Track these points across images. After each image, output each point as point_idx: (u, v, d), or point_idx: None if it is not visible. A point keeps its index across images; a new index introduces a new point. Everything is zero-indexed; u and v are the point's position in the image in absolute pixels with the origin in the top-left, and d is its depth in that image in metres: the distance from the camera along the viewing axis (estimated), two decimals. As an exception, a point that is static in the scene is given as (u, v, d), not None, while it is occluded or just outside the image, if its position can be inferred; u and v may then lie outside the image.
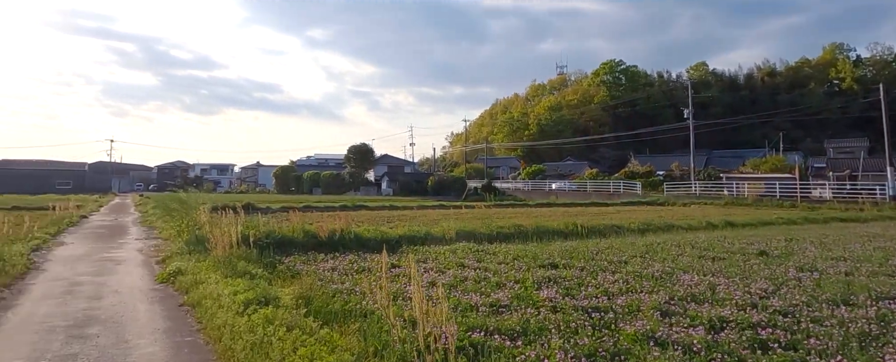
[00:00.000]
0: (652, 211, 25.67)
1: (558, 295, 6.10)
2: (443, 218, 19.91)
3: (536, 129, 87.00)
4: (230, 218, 10.35)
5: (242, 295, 5.17)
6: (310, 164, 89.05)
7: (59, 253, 10.17)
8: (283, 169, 75.07)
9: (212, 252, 8.22)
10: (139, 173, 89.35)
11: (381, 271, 5.14)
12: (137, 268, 8.40)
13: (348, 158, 69.89)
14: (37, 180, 68.32)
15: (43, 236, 12.02)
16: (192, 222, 10.23)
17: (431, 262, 8.83)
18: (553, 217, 19.57)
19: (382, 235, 11.40)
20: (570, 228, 13.74)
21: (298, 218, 11.51)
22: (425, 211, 26.13)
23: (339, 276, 7.57)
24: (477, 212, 24.12)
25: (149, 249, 10.78)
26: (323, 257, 9.27)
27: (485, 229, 12.95)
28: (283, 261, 8.80)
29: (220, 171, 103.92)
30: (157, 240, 12.37)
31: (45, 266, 8.47)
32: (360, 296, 6.07)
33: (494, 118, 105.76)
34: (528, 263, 8.61)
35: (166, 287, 6.84)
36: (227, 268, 7.04)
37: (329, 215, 23.07)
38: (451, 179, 61.42)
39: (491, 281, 7.07)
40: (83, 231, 15.03)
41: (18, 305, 5.75)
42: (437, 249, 10.36)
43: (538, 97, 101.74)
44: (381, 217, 20.43)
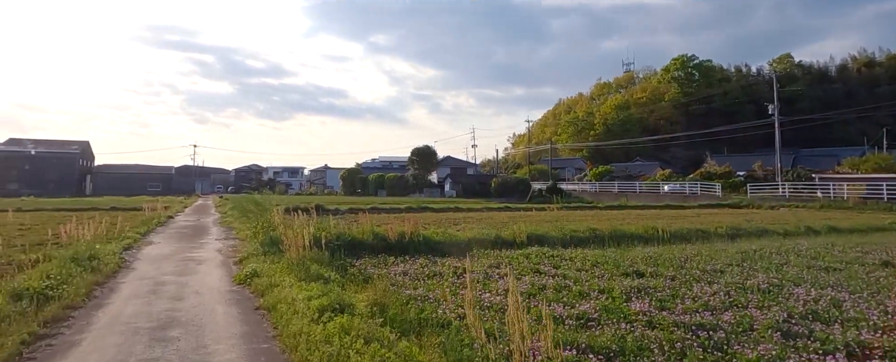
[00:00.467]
0: (736, 214, 23.78)
1: (652, 309, 5.51)
2: (510, 220, 19.40)
3: (602, 129, 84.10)
4: (302, 219, 10.46)
5: (317, 300, 5.02)
6: (374, 167, 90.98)
7: (147, 252, 10.69)
8: (349, 171, 77.21)
9: (285, 254, 8.26)
10: (219, 176, 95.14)
11: (467, 281, 4.79)
12: (216, 269, 8.61)
13: (412, 160, 70.73)
14: (132, 183, 74.44)
15: (134, 236, 12.75)
16: (266, 223, 10.44)
17: (505, 268, 8.41)
18: (627, 220, 18.52)
19: (451, 238, 11.12)
20: (650, 233, 12.83)
21: (367, 220, 11.46)
22: (491, 213, 25.68)
23: (411, 281, 7.33)
24: (546, 214, 23.38)
25: (227, 249, 11.11)
26: (393, 260, 9.10)
27: (557, 233, 12.34)
28: (354, 264, 8.71)
29: (291, 174, 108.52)
30: (235, 241, 12.78)
31: (134, 264, 8.88)
32: (434, 304, 5.78)
33: (558, 118, 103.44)
34: (610, 271, 8.00)
35: (243, 288, 6.89)
36: (301, 270, 6.99)
37: (395, 217, 23.21)
38: (514, 181, 60.51)
39: (573, 289, 6.56)
40: (169, 231, 15.89)
41: (109, 304, 5.95)
42: (508, 253, 9.93)
43: (604, 96, 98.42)
44: (447, 219, 20.21)
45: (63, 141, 77.99)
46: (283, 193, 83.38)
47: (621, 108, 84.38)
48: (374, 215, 23.01)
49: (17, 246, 10.24)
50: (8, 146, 72.11)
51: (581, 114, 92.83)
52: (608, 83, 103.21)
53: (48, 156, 70.87)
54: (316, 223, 10.27)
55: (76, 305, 5.73)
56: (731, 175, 47.01)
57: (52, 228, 11.07)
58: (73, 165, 72.54)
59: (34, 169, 68.57)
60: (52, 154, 71.55)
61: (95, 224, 10.51)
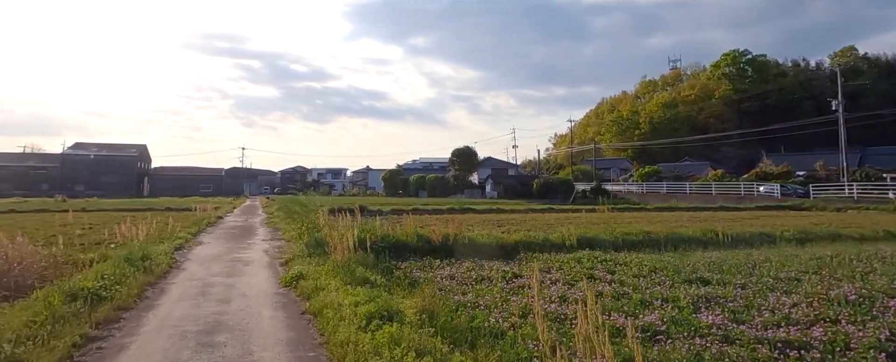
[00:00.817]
0: (799, 216, 22.29)
1: (726, 321, 5.01)
2: (556, 222, 18.85)
3: (648, 128, 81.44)
4: (346, 221, 10.38)
5: (364, 306, 4.81)
6: (415, 168, 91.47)
7: (197, 252, 10.88)
8: (390, 172, 77.92)
9: (331, 256, 8.15)
10: (266, 177, 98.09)
11: (534, 288, 4.44)
12: (263, 270, 8.60)
13: (452, 161, 70.63)
14: (185, 184, 77.75)
15: (185, 236, 13.06)
16: (311, 225, 10.44)
17: (556, 272, 8.01)
18: (680, 222, 17.63)
19: (498, 241, 10.78)
20: (709, 236, 12.08)
21: (411, 221, 11.27)
22: (534, 214, 25.13)
23: (459, 286, 7.05)
24: (593, 216, 22.65)
25: (273, 250, 11.18)
26: (439, 263, 8.85)
27: (608, 235, 11.78)
28: (399, 267, 8.51)
29: (335, 175, 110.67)
30: (281, 242, 12.88)
31: (184, 265, 9.01)
32: (485, 312, 5.47)
33: (601, 118, 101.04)
34: (670, 277, 7.47)
35: (289, 291, 6.80)
36: (346, 273, 6.84)
37: (437, 218, 23.03)
38: (557, 182, 59.41)
39: (632, 297, 6.11)
40: (218, 231, 16.26)
41: (158, 305, 5.96)
42: (558, 257, 9.50)
43: (649, 94, 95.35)
44: (490, 220, 19.85)
45: (122, 144, 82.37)
46: (326, 194, 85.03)
47: (668, 107, 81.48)
48: (416, 216, 22.90)
49: (79, 245, 10.64)
50: (74, 150, 76.76)
51: (625, 113, 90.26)
52: (653, 81, 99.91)
53: (109, 160, 75.00)
54: (360, 224, 10.16)
55: (128, 306, 5.76)
56: (789, 175, 44.41)
57: (110, 228, 11.48)
58: (132, 168, 76.45)
59: (97, 171, 72.70)
60: (113, 157, 75.68)
61: (147, 225, 10.78)
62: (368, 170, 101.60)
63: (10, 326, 4.34)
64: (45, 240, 12.04)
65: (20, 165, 73.13)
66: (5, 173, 70.74)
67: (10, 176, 70.56)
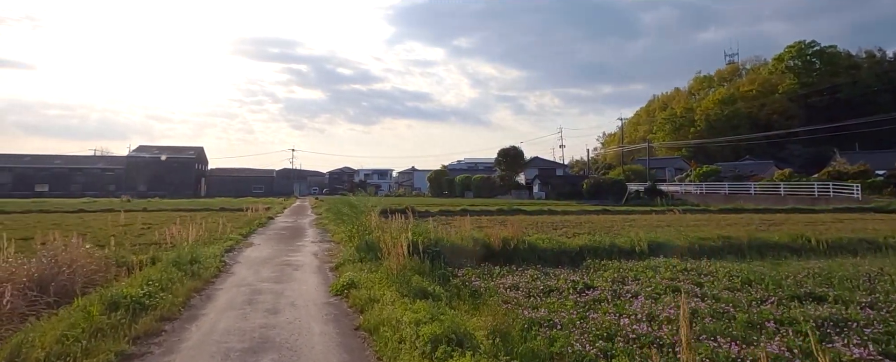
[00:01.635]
0: (890, 220, 20.08)
1: (875, 354, 4.03)
2: (615, 224, 17.72)
3: (704, 126, 77.54)
4: (398, 223, 9.82)
5: (427, 327, 4.16)
6: (460, 168, 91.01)
7: (247, 254, 10.62)
8: (436, 173, 77.71)
9: (383, 261, 7.58)
10: (315, 178, 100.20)
11: (613, 302, 3.64)
12: (312, 276, 8.15)
13: (498, 161, 69.54)
14: (239, 185, 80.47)
15: (236, 237, 12.92)
16: (361, 227, 9.96)
17: (633, 284, 7.12)
18: (753, 225, 16.12)
19: (560, 246, 9.93)
20: (799, 242, 10.76)
21: (466, 224, 10.58)
22: (589, 216, 23.93)
23: (526, 298, 6.30)
24: (655, 218, 21.27)
25: (323, 253, 10.78)
26: (499, 270, 8.13)
27: (681, 240, 10.69)
28: (455, 274, 7.85)
29: (381, 176, 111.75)
30: (331, 244, 12.51)
31: (233, 268, 8.70)
32: (564, 333, 4.70)
33: (652, 116, 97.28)
34: (771, 292, 6.44)
35: (340, 301, 6.26)
36: (401, 282, 6.24)
37: (488, 219, 22.28)
38: (608, 182, 57.22)
39: (737, 318, 5.17)
40: (269, 232, 16.16)
41: (203, 316, 5.54)
42: (629, 265, 8.57)
43: (704, 90, 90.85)
44: (544, 222, 18.92)
45: (181, 147, 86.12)
46: (373, 195, 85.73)
47: (726, 103, 77.26)
48: (465, 218, 22.27)
49: (134, 245, 10.62)
50: (138, 153, 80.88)
51: (679, 110, 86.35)
52: (709, 76, 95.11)
53: (169, 161, 78.54)
54: (412, 227, 9.57)
55: (171, 316, 5.36)
56: (867, 174, 40.75)
57: (165, 229, 11.44)
58: (190, 169, 79.74)
59: (158, 172, 76.25)
60: (173, 159, 79.20)
61: (198, 226, 10.61)
62: (414, 170, 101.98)
63: (43, 342, 3.97)
64: (105, 239, 12.19)
65: (91, 167, 77.73)
66: (78, 175, 75.36)
67: (83, 177, 75.12)
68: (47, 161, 77.00)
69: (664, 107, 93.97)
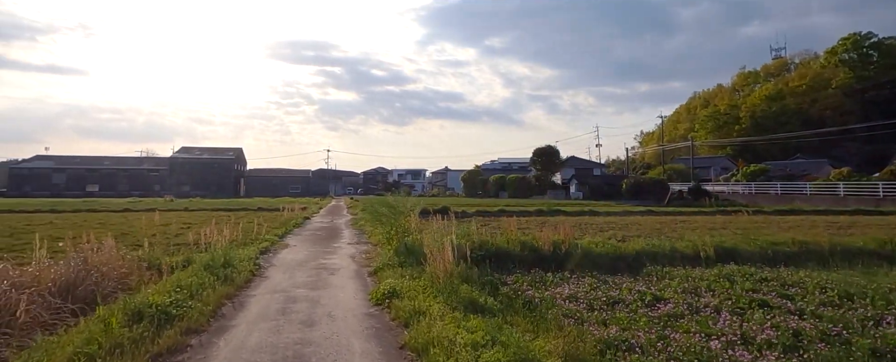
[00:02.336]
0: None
1: None
2: (663, 226, 16.67)
3: (750, 123, 74.04)
4: (438, 224, 9.20)
5: (488, 354, 3.50)
6: (494, 168, 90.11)
7: (282, 256, 10.22)
8: (470, 173, 77.01)
9: (426, 266, 6.97)
10: (349, 178, 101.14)
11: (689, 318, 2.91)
12: (350, 281, 7.61)
13: (534, 161, 68.24)
14: (276, 185, 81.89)
15: (271, 238, 12.59)
16: (401, 228, 9.38)
17: (708, 295, 6.27)
18: (818, 227, 14.77)
19: (615, 250, 9.10)
20: (889, 247, 9.58)
21: (513, 226, 9.87)
22: (634, 217, 22.77)
23: (588, 312, 5.57)
24: (707, 220, 20.00)
25: (360, 256, 10.27)
26: (551, 278, 7.39)
27: (750, 245, 9.67)
28: (504, 281, 7.17)
29: (414, 176, 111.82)
30: (368, 246, 12.02)
31: (268, 272, 8.27)
32: (648, 360, 3.95)
33: (692, 113, 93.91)
34: (880, 308, 5.49)
35: (382, 312, 5.67)
36: (449, 292, 5.61)
37: (525, 220, 21.46)
38: (649, 182, 55.20)
39: (857, 343, 4.30)
40: (305, 233, 15.84)
41: (233, 327, 5.05)
42: (697, 273, 7.69)
43: (749, 86, 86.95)
44: (587, 224, 17.99)
45: (221, 148, 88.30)
46: (407, 195, 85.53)
47: (774, 99, 73.61)
48: (503, 219, 21.54)
49: (171, 246, 10.39)
50: (181, 154, 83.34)
51: (723, 107, 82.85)
52: (754, 72, 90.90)
53: (210, 162, 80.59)
54: (454, 229, 8.92)
55: (199, 328, 4.89)
56: (937, 173, 37.67)
57: (202, 229, 11.17)
58: (230, 170, 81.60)
59: (200, 173, 78.34)
60: (213, 160, 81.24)
61: (232, 228, 10.27)
62: (447, 170, 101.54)
63: (54, 360, 3.53)
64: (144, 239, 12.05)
65: (137, 168, 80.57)
66: (125, 175, 78.25)
67: (129, 178, 77.96)
68: (97, 162, 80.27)
69: (705, 105, 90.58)
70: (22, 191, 68.59)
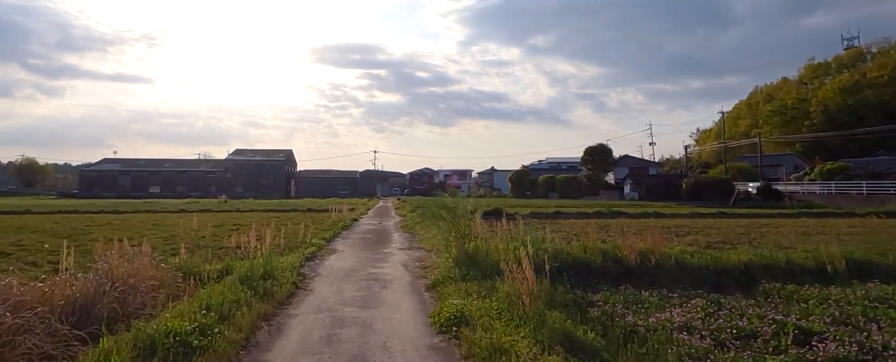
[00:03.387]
0: None
1: None
2: (748, 230, 14.82)
3: (822, 118, 68.48)
4: (506, 229, 8.02)
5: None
6: (542, 168, 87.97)
7: (329, 264, 9.31)
8: (517, 173, 75.15)
9: (496, 281, 5.80)
10: (396, 179, 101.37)
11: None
12: (406, 298, 6.54)
13: (585, 160, 65.69)
14: (325, 186, 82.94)
15: (318, 242, 11.79)
16: (461, 234, 8.24)
17: (875, 329, 4.76)
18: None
19: (715, 261, 7.61)
20: None
21: (592, 233, 8.53)
22: (706, 220, 20.73)
23: (718, 350, 4.23)
24: (795, 223, 17.80)
25: (414, 264, 9.22)
26: (647, 297, 6.05)
27: (886, 258, 7.93)
28: (592, 300, 5.89)
29: (460, 176, 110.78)
30: (420, 252, 10.98)
31: (313, 284, 7.33)
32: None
33: (754, 109, 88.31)
34: None
35: (449, 345, 4.53)
36: (537, 321, 4.41)
37: (584, 222, 19.90)
38: (711, 181, 51.73)
39: None
40: (353, 236, 15.02)
41: (266, 362, 4.05)
42: (837, 294, 6.14)
43: (818, 79, 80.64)
44: (654, 227, 16.34)
45: (272, 150, 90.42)
46: (453, 195, 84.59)
47: (849, 91, 67.78)
48: (560, 221, 20.10)
49: (220, 249, 9.74)
50: (235, 156, 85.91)
51: (790, 101, 77.21)
52: (824, 63, 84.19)
53: (262, 163, 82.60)
54: (522, 235, 7.71)
55: (225, 363, 3.93)
56: None
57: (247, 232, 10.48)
58: (281, 171, 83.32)
59: (253, 174, 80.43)
60: (266, 161, 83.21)
61: (274, 233, 9.46)
62: (494, 170, 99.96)
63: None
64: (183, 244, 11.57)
65: (195, 170, 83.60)
66: (184, 177, 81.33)
67: (187, 179, 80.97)
68: (158, 165, 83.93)
69: (769, 99, 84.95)
70: (91, 193, 72.41)
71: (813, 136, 66.18)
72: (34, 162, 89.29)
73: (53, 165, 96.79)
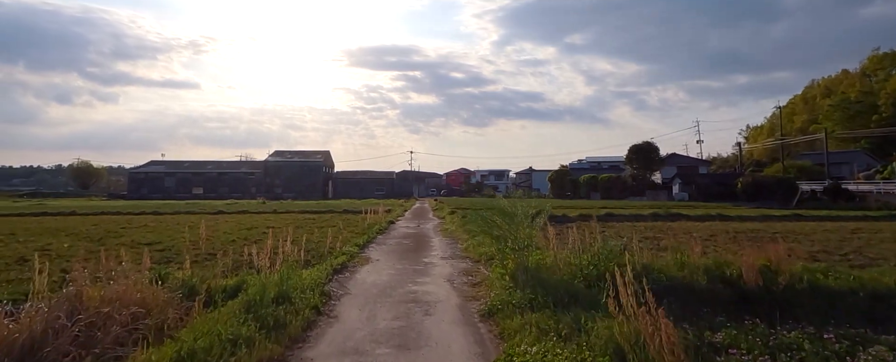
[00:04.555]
0: None
1: None
2: (845, 238, 12.60)
3: (892, 112, 63.05)
4: (573, 235, 6.40)
5: None
6: (582, 168, 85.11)
7: (361, 278, 7.92)
8: (558, 173, 72.62)
9: (581, 314, 4.21)
10: (432, 180, 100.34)
11: None
12: (456, 331, 5.03)
13: (630, 159, 62.60)
14: (362, 186, 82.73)
15: (350, 250, 10.47)
16: (520, 244, 6.63)
17: None
18: None
19: (862, 284, 5.77)
20: None
21: (697, 247, 6.79)
22: (783, 224, 18.36)
23: None
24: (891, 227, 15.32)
25: (460, 279, 7.71)
26: (791, 338, 4.33)
27: None
28: (714, 344, 4.23)
29: (497, 177, 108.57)
30: (466, 263, 9.48)
31: (338, 308, 5.91)
32: None
33: (811, 103, 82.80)
34: None
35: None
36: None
37: (643, 226, 17.96)
38: (771, 180, 48.03)
39: None
40: (389, 242, 13.66)
41: None
42: None
43: (884, 70, 74.48)
44: (724, 231, 14.27)
45: (310, 151, 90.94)
46: (490, 196, 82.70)
47: (923, 83, 62.10)
48: (613, 224, 18.23)
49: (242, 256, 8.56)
50: (274, 157, 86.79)
51: (853, 95, 71.69)
52: (890, 54, 77.70)
53: (300, 165, 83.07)
54: (600, 244, 6.08)
55: None
56: None
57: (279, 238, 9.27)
58: (319, 172, 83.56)
59: (291, 175, 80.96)
60: (304, 163, 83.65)
61: (294, 240, 8.14)
62: (532, 170, 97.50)
63: None
64: (220, 245, 10.56)
65: (236, 171, 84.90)
66: (225, 178, 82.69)
67: (229, 180, 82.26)
68: (201, 166, 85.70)
69: (828, 93, 79.37)
70: (139, 194, 74.50)
71: (886, 131, 60.99)
72: (89, 164, 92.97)
73: (107, 168, 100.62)
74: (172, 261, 8.71)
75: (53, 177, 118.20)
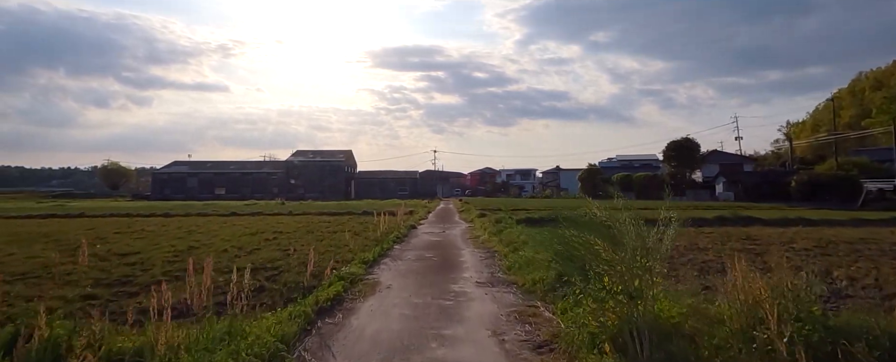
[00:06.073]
0: None
1: None
2: None
3: (954, 104, 57.73)
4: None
5: None
6: (613, 166, 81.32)
7: (356, 328, 5.19)
8: (588, 172, 68.97)
9: None
10: (456, 180, 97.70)
11: None
12: None
13: (668, 156, 58.70)
14: (385, 186, 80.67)
15: (354, 271, 7.82)
16: (630, 287, 3.76)
17: None
18: None
19: None
20: None
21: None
22: (875, 228, 14.96)
23: None
24: None
25: (513, 332, 4.96)
26: None
27: None
28: None
29: (523, 176, 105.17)
30: (512, 291, 6.73)
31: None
32: None
33: (859, 97, 77.63)
34: None
35: None
36: None
37: (708, 233, 14.92)
38: (829, 178, 43.69)
39: None
40: (408, 254, 10.99)
41: None
42: None
43: (940, 59, 68.70)
44: (828, 240, 11.13)
45: (332, 151, 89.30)
46: (516, 196, 79.77)
47: None
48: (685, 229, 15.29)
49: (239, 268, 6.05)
50: (296, 157, 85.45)
51: (909, 86, 66.20)
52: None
53: (322, 165, 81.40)
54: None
55: None
56: None
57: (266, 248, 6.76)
58: (341, 172, 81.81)
59: (313, 175, 79.36)
60: (326, 162, 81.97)
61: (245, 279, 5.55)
62: (559, 170, 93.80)
63: None
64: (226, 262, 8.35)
65: (258, 171, 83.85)
66: (248, 178, 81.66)
67: (251, 181, 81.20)
68: (224, 167, 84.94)
69: (878, 86, 74.03)
70: (162, 195, 73.88)
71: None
72: (118, 165, 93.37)
73: (138, 169, 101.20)
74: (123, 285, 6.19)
75: (89, 179, 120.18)
